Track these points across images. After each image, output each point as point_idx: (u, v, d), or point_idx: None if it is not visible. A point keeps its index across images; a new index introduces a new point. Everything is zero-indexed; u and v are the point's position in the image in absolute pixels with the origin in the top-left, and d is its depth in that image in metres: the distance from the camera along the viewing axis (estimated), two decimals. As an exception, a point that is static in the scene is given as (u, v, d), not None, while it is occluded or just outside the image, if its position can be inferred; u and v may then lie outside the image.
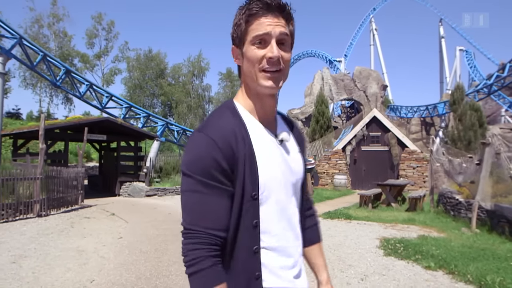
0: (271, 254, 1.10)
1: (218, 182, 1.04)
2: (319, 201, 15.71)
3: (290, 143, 1.24)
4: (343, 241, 7.52)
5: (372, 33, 53.66)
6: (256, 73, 1.10)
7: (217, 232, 1.03)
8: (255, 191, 1.07)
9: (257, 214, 1.08)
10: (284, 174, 1.16)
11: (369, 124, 23.62)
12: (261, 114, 1.18)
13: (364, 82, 39.17)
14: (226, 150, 1.04)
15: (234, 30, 1.15)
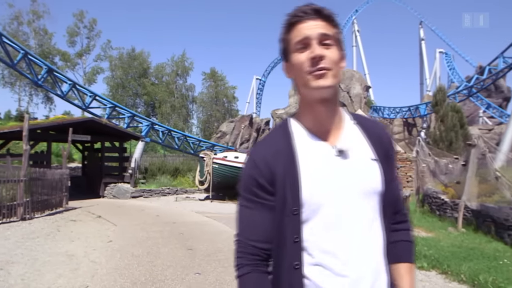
0: (320, 271, 1.07)
1: (258, 197, 1.11)
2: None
3: (357, 151, 1.14)
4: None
5: (355, 35, 54.25)
6: (304, 77, 1.09)
7: (256, 243, 1.09)
8: (295, 206, 1.06)
9: (298, 229, 1.07)
10: (341, 188, 1.09)
11: (354, 125, 23.89)
12: (315, 125, 1.14)
13: (348, 83, 39.62)
14: (264, 168, 1.10)
15: (280, 46, 1.16)
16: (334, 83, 1.08)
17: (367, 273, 1.07)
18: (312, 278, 1.06)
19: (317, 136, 1.14)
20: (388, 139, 1.22)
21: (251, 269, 1.09)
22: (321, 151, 1.12)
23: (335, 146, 1.12)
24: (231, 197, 15.25)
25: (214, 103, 50.56)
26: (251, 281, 1.09)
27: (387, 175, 1.15)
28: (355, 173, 1.10)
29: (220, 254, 6.51)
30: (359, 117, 1.24)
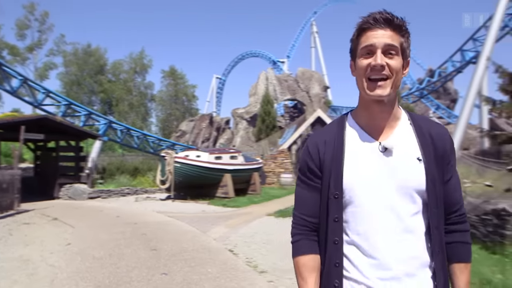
0: (354, 249, 1.22)
1: (308, 179, 1.31)
2: (267, 199, 15.93)
3: (403, 150, 1.22)
4: (299, 239, 7.70)
5: (313, 36, 55.21)
6: (363, 82, 1.21)
7: (305, 217, 1.31)
8: (337, 190, 1.23)
9: (339, 210, 1.23)
10: (381, 181, 1.20)
11: (314, 124, 24.46)
12: (368, 121, 1.27)
13: (307, 83, 40.35)
14: (314, 153, 1.30)
15: (350, 46, 1.28)
16: (390, 92, 1.19)
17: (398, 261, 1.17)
18: (348, 254, 1.22)
19: (368, 132, 1.26)
20: (447, 141, 1.27)
21: (301, 237, 1.31)
22: (368, 146, 1.24)
23: (381, 143, 1.23)
24: (193, 196, 15.10)
25: (174, 102, 49.72)
26: (301, 246, 1.30)
27: (436, 175, 1.22)
28: (395, 170, 1.20)
29: (185, 253, 6.44)
30: (417, 117, 1.31)
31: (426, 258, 1.20)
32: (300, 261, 1.28)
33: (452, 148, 1.27)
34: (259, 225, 9.42)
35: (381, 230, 1.18)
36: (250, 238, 7.89)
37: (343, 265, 1.22)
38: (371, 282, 1.17)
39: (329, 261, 1.24)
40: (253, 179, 17.65)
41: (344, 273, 1.22)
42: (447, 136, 1.27)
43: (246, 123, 36.66)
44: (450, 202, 1.26)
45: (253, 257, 6.28)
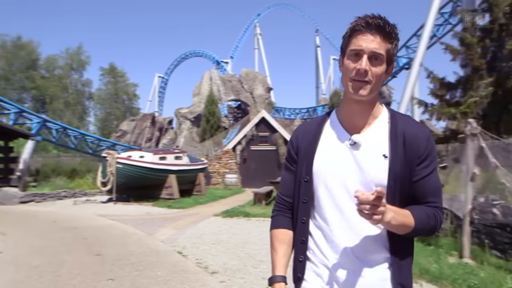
0: (317, 230, 1.35)
1: (288, 163, 1.48)
2: (213, 200, 15.86)
3: (371, 146, 1.29)
4: (248, 238, 7.75)
5: (257, 38, 55.78)
6: (348, 82, 1.28)
7: (283, 196, 1.48)
8: (307, 175, 1.36)
9: (307, 193, 1.37)
10: (345, 171, 1.29)
11: (258, 125, 24.70)
12: (347, 117, 1.36)
13: (251, 84, 40.67)
14: (294, 141, 1.46)
15: (342, 42, 1.34)
16: (370, 94, 1.27)
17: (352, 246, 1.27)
18: (313, 233, 1.36)
19: (345, 127, 1.35)
20: (422, 143, 1.28)
21: (278, 213, 1.48)
22: (340, 139, 1.35)
23: (351, 137, 1.31)
24: (136, 198, 14.59)
25: (114, 101, 47.70)
26: (276, 220, 1.47)
27: (401, 174, 1.25)
28: (360, 164, 1.28)
29: (132, 257, 6.21)
30: (399, 117, 1.36)
31: (381, 249, 1.28)
32: (273, 234, 1.46)
33: (428, 151, 1.29)
34: (206, 226, 9.34)
35: (340, 216, 1.29)
36: (199, 239, 7.79)
37: (308, 243, 1.36)
38: (329, 262, 1.29)
39: (298, 238, 1.39)
40: (198, 179, 17.45)
41: (309, 250, 1.36)
42: (423, 139, 1.29)
43: (190, 123, 36.15)
44: (419, 200, 1.29)
45: (203, 258, 6.21)
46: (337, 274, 1.27)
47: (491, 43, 11.24)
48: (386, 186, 1.24)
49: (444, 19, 21.42)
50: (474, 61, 11.12)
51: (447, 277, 4.79)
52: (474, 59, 11.09)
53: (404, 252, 1.29)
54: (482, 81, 11.03)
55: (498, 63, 11.23)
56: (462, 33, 11.50)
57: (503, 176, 5.75)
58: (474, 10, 12.08)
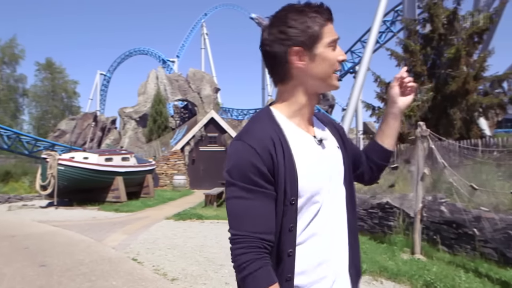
0: (306, 255, 1.10)
1: (260, 186, 1.06)
2: (162, 202, 15.43)
3: (329, 140, 1.24)
4: (204, 242, 7.58)
5: (203, 37, 55.32)
6: (329, 73, 1.16)
7: (263, 236, 1.05)
8: (293, 196, 1.08)
9: (293, 218, 1.09)
10: (324, 174, 1.15)
11: (207, 125, 24.41)
12: (298, 116, 1.19)
13: (198, 84, 40.10)
14: (265, 155, 1.07)
15: (301, 32, 1.13)
16: None
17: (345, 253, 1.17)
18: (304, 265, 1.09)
19: (300, 127, 1.18)
20: (340, 127, 1.34)
21: (263, 263, 1.02)
22: (307, 141, 1.17)
23: (315, 136, 1.19)
24: (80, 202, 13.76)
25: (51, 98, 44.72)
26: (267, 275, 1.02)
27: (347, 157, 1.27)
28: (332, 160, 1.20)
29: (82, 267, 5.79)
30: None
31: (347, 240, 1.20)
32: None
33: (345, 133, 1.35)
34: (159, 230, 9.01)
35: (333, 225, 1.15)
36: (153, 244, 7.48)
37: (294, 279, 1.09)
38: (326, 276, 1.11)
39: (281, 276, 1.08)
40: (146, 181, 16.87)
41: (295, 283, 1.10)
42: (337, 123, 1.37)
43: (135, 123, 34.90)
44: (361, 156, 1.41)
45: (160, 264, 5.96)
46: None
47: (431, 51, 12.00)
48: (344, 176, 1.22)
49: (386, 26, 22.60)
50: (416, 67, 11.79)
51: (404, 273, 4.99)
52: (417, 66, 11.76)
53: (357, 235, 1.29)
54: (423, 86, 11.71)
55: (437, 70, 12.00)
56: (406, 40, 12.16)
57: (450, 176, 6.12)
58: (415, 20, 12.84)
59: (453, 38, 11.81)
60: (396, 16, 22.67)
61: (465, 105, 11.44)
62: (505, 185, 6.27)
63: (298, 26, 1.13)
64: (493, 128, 15.26)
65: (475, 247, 5.92)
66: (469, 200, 5.94)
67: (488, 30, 11.89)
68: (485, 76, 12.03)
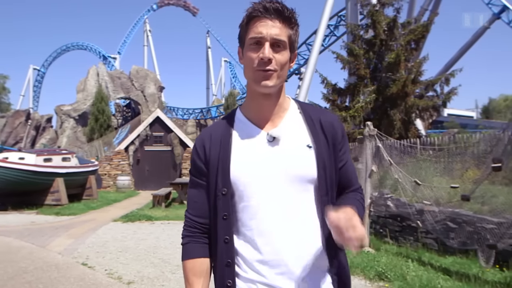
0: (247, 247, 1.17)
1: (196, 177, 1.27)
2: (107, 204, 14.82)
3: (292, 139, 1.21)
4: (157, 243, 7.42)
5: (146, 34, 53.89)
6: (252, 73, 1.17)
7: (195, 217, 1.26)
8: (225, 187, 1.18)
9: (227, 208, 1.18)
10: (270, 171, 1.16)
11: (152, 124, 23.76)
12: (255, 113, 1.24)
13: (142, 82, 38.88)
14: (200, 150, 1.25)
15: (239, 32, 1.23)
16: (277, 84, 1.17)
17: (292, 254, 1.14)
18: (241, 252, 1.18)
19: (255, 124, 1.23)
20: (338, 129, 1.26)
21: (190, 239, 1.25)
22: (255, 137, 1.21)
23: (269, 133, 1.20)
24: (15, 206, 12.78)
25: (-24, 94, 41.19)
26: (189, 249, 1.25)
27: (328, 162, 1.20)
28: (284, 159, 1.17)
29: (27, 275, 5.42)
30: (307, 106, 1.31)
31: (318, 245, 1.17)
32: (187, 265, 1.23)
33: (343, 136, 1.28)
34: (108, 232, 8.65)
35: (273, 223, 1.15)
36: (102, 247, 7.18)
37: (235, 264, 1.18)
38: (268, 279, 1.14)
39: (221, 261, 1.19)
40: (89, 182, 16.05)
41: (239, 271, 1.18)
42: (337, 124, 1.27)
43: (74, 121, 33.05)
44: (345, 185, 1.29)
45: (113, 268, 5.74)
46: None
47: (374, 55, 12.68)
48: (316, 176, 1.17)
49: (330, 30, 23.46)
50: (360, 71, 12.41)
51: (357, 265, 5.26)
52: (361, 69, 12.38)
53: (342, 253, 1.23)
54: (366, 88, 12.37)
55: (379, 74, 12.73)
56: (351, 44, 12.75)
57: (396, 172, 6.53)
58: (359, 25, 13.50)
59: (393, 44, 12.58)
60: (339, 21, 23.64)
61: (404, 107, 12.24)
62: (442, 180, 6.81)
63: (239, 26, 1.23)
64: (426, 129, 16.49)
65: (418, 238, 6.39)
66: (413, 195, 6.38)
67: (425, 38, 12.82)
68: (421, 80, 12.96)
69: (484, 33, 26.14)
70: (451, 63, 24.76)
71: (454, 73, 12.40)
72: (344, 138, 1.28)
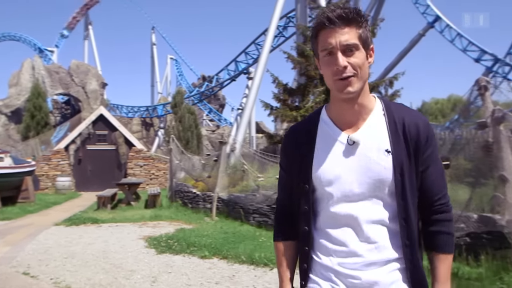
0: (323, 237, 1.28)
1: (285, 165, 1.40)
2: (46, 207, 13.86)
3: (371, 143, 1.23)
4: (107, 247, 7.03)
5: (87, 27, 51.34)
6: (331, 84, 1.23)
7: (282, 202, 1.45)
8: (306, 182, 1.29)
9: (308, 201, 1.30)
10: (348, 174, 1.23)
11: (95, 122, 22.65)
12: (338, 115, 1.29)
13: (83, 77, 36.89)
14: (292, 138, 1.37)
15: (311, 44, 1.32)
16: (359, 87, 1.21)
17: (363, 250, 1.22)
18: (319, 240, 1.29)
19: (338, 126, 1.29)
20: (421, 131, 1.23)
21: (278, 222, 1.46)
22: (337, 140, 1.27)
23: (349, 136, 1.25)
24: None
25: None
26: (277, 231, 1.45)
27: (407, 166, 1.21)
28: (362, 163, 1.23)
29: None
30: (393, 107, 1.29)
31: (393, 250, 1.22)
32: (276, 247, 1.43)
33: (429, 138, 1.24)
34: (50, 238, 8.05)
35: (348, 222, 1.23)
36: (45, 254, 6.66)
37: (311, 251, 1.31)
38: (337, 267, 1.23)
39: (301, 246, 1.33)
40: (25, 184, 14.86)
41: (315, 257, 1.30)
42: (422, 126, 1.24)
43: (6, 118, 30.59)
44: (429, 192, 1.26)
45: (60, 277, 5.33)
46: (348, 275, 1.22)
47: (324, 56, 12.97)
48: (393, 181, 1.19)
49: (279, 31, 23.77)
50: (310, 71, 12.66)
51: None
52: (311, 70, 12.62)
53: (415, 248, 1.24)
54: (316, 89, 12.66)
55: (328, 74, 13.05)
56: (302, 45, 12.96)
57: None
58: (309, 27, 13.76)
59: (342, 46, 12.95)
60: (288, 22, 24.04)
61: (351, 108, 12.66)
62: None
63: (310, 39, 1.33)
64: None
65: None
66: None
67: (371, 41, 13.33)
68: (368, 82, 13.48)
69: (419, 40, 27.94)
70: (391, 67, 26.18)
71: (397, 76, 13.01)
72: (429, 141, 1.24)
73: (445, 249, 1.27)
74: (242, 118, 16.16)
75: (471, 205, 4.70)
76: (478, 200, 4.81)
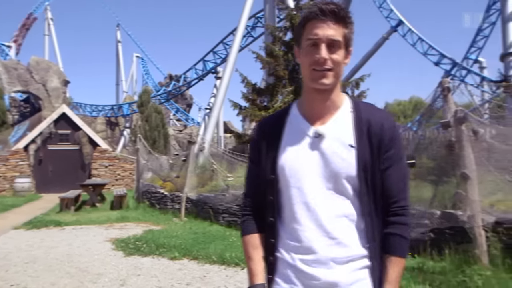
0: (284, 230, 1.30)
1: (252, 161, 1.41)
2: (4, 210, 13.20)
3: (336, 137, 1.24)
4: (71, 251, 6.78)
5: (48, 23, 49.44)
6: (308, 73, 1.26)
7: (248, 197, 1.43)
8: (272, 173, 1.30)
9: (272, 192, 1.31)
10: (311, 166, 1.25)
11: (57, 121, 21.82)
12: (308, 109, 1.32)
13: (43, 74, 35.43)
14: (260, 132, 1.40)
15: (295, 32, 1.35)
16: (333, 81, 1.26)
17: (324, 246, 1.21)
18: (281, 234, 1.30)
19: (307, 119, 1.31)
20: (386, 131, 1.25)
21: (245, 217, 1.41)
22: (304, 132, 1.30)
23: (315, 129, 1.28)
24: None
25: None
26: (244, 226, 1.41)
27: (370, 163, 1.22)
28: (326, 156, 1.24)
29: None
30: (361, 106, 1.32)
31: (356, 245, 1.22)
32: (245, 240, 1.39)
33: (392, 138, 1.26)
34: (9, 242, 7.67)
35: (308, 214, 1.23)
36: (4, 259, 6.32)
37: (276, 243, 1.30)
38: (298, 264, 1.22)
39: (267, 238, 1.34)
40: (-20, 187, 14.16)
41: (278, 254, 1.30)
42: (386, 126, 1.26)
43: (-42, 117, 28.87)
44: (388, 192, 1.25)
45: (21, 283, 5.08)
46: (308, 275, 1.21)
47: (292, 57, 13.13)
48: (356, 176, 1.20)
49: (247, 31, 23.80)
50: (279, 71, 12.77)
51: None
52: (280, 70, 12.74)
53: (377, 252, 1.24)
54: (285, 89, 12.77)
55: (297, 75, 13.21)
56: (271, 45, 13.05)
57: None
58: (278, 27, 13.89)
59: (310, 47, 13.14)
60: (257, 22, 24.13)
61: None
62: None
63: (296, 27, 1.35)
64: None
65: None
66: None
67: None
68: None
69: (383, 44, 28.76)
70: (356, 68, 26.78)
71: (364, 77, 13.34)
72: (393, 142, 1.25)
73: (397, 253, 1.24)
74: (210, 118, 16.07)
75: (435, 202, 4.89)
76: (441, 197, 5.01)
